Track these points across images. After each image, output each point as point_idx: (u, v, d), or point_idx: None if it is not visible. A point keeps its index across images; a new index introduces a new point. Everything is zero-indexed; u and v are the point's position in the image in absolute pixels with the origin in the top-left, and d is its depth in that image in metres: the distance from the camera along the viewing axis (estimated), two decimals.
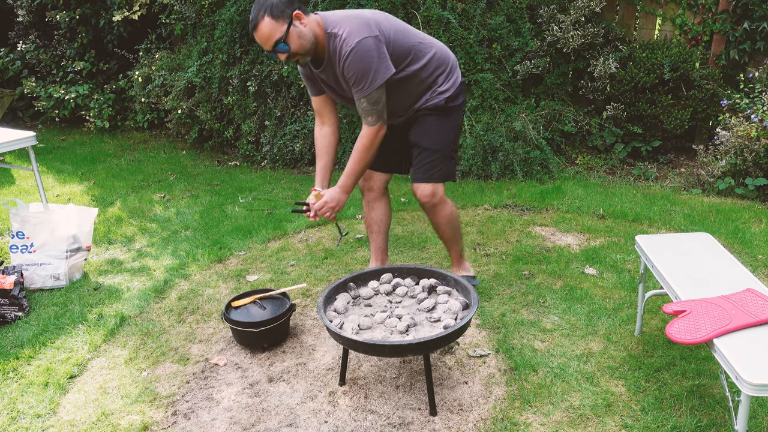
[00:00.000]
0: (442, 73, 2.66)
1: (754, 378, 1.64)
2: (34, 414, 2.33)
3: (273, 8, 2.30)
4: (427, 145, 2.69)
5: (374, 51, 2.37)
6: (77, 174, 5.31)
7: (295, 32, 2.35)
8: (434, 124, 2.69)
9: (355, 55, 2.36)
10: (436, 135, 2.69)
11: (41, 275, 3.26)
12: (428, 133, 2.69)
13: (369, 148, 2.51)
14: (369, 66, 2.37)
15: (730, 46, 4.86)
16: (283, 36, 2.32)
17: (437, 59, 2.64)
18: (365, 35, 2.36)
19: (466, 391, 2.38)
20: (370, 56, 2.37)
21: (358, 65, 2.37)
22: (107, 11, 6.27)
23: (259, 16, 2.31)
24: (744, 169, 4.31)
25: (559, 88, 5.22)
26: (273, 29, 2.31)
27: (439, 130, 2.70)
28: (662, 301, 2.90)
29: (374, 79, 2.39)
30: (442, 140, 2.71)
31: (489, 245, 3.66)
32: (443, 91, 2.66)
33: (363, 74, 2.38)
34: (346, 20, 2.42)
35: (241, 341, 2.74)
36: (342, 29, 2.39)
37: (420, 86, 2.62)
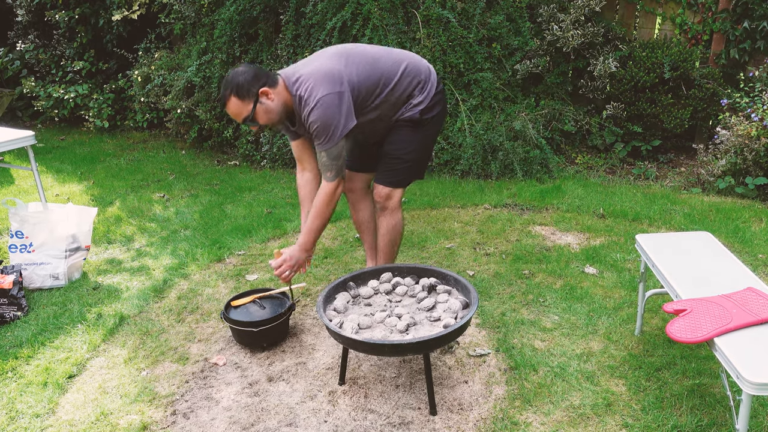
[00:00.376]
0: (416, 86, 2.65)
1: (755, 377, 1.63)
2: (33, 414, 2.32)
3: (239, 88, 2.41)
4: (398, 154, 2.71)
5: (334, 107, 2.41)
6: (76, 174, 5.30)
7: (262, 109, 2.45)
8: (407, 134, 2.70)
9: (315, 113, 2.41)
10: (408, 145, 2.71)
11: (40, 275, 3.26)
12: (399, 142, 2.70)
13: (328, 204, 2.55)
14: (329, 122, 2.41)
15: (730, 45, 4.86)
16: (250, 114, 2.44)
17: (409, 74, 2.63)
18: (326, 92, 2.40)
19: (466, 391, 2.37)
20: (330, 112, 2.41)
21: (318, 121, 2.41)
22: (106, 11, 6.26)
23: (226, 95, 2.43)
24: (744, 168, 4.31)
25: (559, 88, 5.22)
26: (240, 108, 2.43)
27: (411, 140, 2.71)
28: (662, 300, 2.90)
29: (333, 134, 2.43)
30: (413, 150, 2.73)
31: (489, 244, 3.66)
32: (418, 103, 2.66)
33: (322, 130, 2.42)
34: (308, 77, 2.44)
35: (240, 341, 2.73)
36: (303, 88, 2.44)
37: (395, 105, 2.64)
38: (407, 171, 2.76)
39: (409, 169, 2.76)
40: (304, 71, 2.49)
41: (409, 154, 2.72)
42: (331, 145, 2.44)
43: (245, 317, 2.69)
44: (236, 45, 5.31)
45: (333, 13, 4.82)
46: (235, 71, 2.45)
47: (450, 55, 4.85)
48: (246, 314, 2.72)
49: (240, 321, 2.64)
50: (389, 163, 2.73)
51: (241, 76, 2.42)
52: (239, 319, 2.67)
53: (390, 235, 2.84)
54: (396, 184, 2.75)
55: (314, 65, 2.50)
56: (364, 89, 2.53)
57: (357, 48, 2.62)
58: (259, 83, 2.43)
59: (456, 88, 4.93)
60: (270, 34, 5.25)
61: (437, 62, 4.81)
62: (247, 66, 2.47)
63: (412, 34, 4.86)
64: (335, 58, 2.52)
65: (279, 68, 5.10)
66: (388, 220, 2.81)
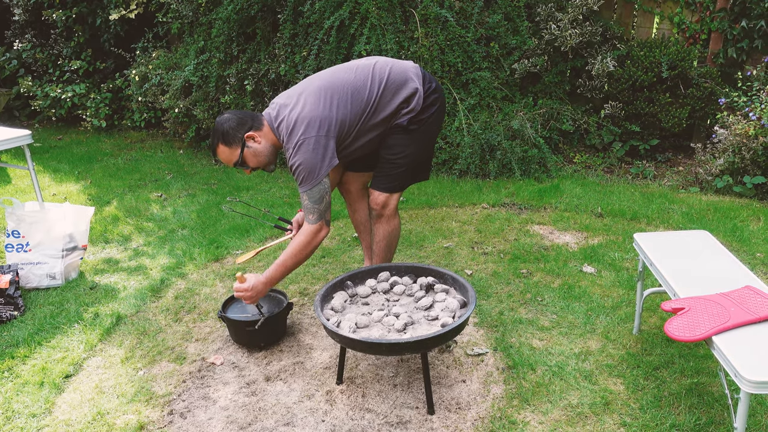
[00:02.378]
0: (404, 97, 2.61)
1: (753, 375, 1.63)
2: (30, 413, 2.31)
3: (225, 136, 2.49)
4: (392, 158, 2.70)
5: (311, 151, 2.41)
6: (74, 173, 5.29)
7: (250, 153, 2.53)
8: (400, 139, 2.68)
9: (294, 156, 2.44)
10: (403, 149, 2.69)
11: (37, 274, 3.25)
12: (394, 147, 2.68)
13: (306, 246, 2.50)
14: (307, 165, 2.42)
15: (728, 44, 4.86)
16: (239, 159, 2.52)
17: (392, 89, 2.60)
18: (305, 136, 2.41)
19: (464, 390, 2.37)
20: (309, 156, 2.41)
21: (296, 164, 2.43)
22: (104, 10, 6.24)
23: (215, 143, 2.52)
24: (742, 167, 4.31)
25: (557, 87, 5.22)
26: (229, 155, 2.52)
27: (405, 145, 2.69)
28: (660, 299, 2.90)
29: (310, 177, 2.43)
30: (408, 154, 2.71)
31: (487, 244, 3.65)
32: (407, 112, 2.64)
33: (300, 172, 2.44)
34: (290, 120, 2.45)
35: (238, 340, 2.72)
36: (285, 132, 2.47)
37: (385, 120, 2.63)
38: (402, 175, 2.74)
39: (405, 173, 2.74)
40: (285, 113, 2.50)
41: (405, 158, 2.70)
42: (310, 187, 2.44)
43: (243, 316, 2.68)
44: (234, 44, 5.30)
45: (331, 12, 4.81)
46: (220, 119, 2.51)
47: (448, 54, 4.85)
48: (243, 313, 2.71)
49: (237, 320, 2.64)
50: (384, 167, 2.72)
51: (226, 123, 2.49)
52: (237, 317, 2.66)
53: (386, 241, 2.83)
54: (392, 190, 2.73)
55: (297, 108, 2.48)
56: (348, 121, 2.53)
57: (339, 73, 2.59)
58: (244, 128, 2.50)
59: (454, 88, 4.93)
60: (268, 34, 5.24)
61: (435, 61, 4.81)
62: (232, 113, 2.53)
63: (410, 34, 4.85)
64: (318, 97, 2.49)
65: (277, 68, 5.11)
66: (384, 227, 2.79)
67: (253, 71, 5.22)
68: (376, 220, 2.79)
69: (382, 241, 2.82)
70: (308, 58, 4.96)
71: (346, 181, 2.94)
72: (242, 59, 5.29)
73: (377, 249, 2.85)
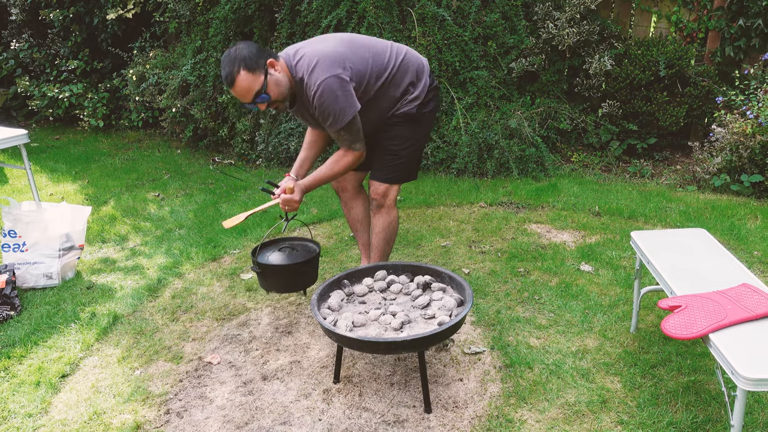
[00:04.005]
0: (412, 80, 2.66)
1: (749, 372, 1.63)
2: (26, 413, 2.30)
3: (247, 61, 2.32)
4: (394, 150, 2.71)
5: (338, 90, 2.39)
6: (71, 173, 5.28)
7: (273, 80, 2.40)
8: (403, 130, 2.70)
9: (320, 98, 2.39)
10: (405, 142, 2.71)
11: (34, 274, 3.24)
12: (396, 138, 2.70)
13: (345, 167, 2.57)
14: (335, 104, 2.40)
15: (725, 43, 4.86)
16: (262, 87, 2.36)
17: (406, 67, 2.64)
18: (328, 75, 2.38)
19: (461, 389, 2.36)
20: (334, 96, 2.39)
21: (325, 105, 2.40)
22: (101, 9, 6.23)
23: (234, 71, 2.32)
24: (739, 166, 4.31)
25: (555, 86, 5.21)
26: (251, 82, 2.34)
27: (407, 136, 2.71)
28: (658, 297, 2.89)
29: (343, 115, 2.42)
30: (409, 146, 2.73)
31: (484, 242, 3.65)
32: (414, 98, 2.66)
33: (331, 112, 2.41)
34: (311, 58, 2.43)
35: (274, 287, 2.73)
36: (305, 72, 2.42)
37: (392, 99, 2.64)
38: (403, 167, 2.76)
39: (405, 165, 2.76)
40: (307, 51, 2.46)
41: (405, 150, 2.72)
42: (344, 123, 2.43)
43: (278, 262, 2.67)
44: (231, 44, 5.29)
45: (328, 12, 4.81)
46: (235, 48, 2.36)
47: (445, 53, 4.84)
48: (278, 259, 2.69)
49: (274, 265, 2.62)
50: (385, 159, 2.73)
51: (245, 49, 2.34)
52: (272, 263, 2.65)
53: (385, 233, 2.83)
54: (393, 180, 2.75)
55: (317, 47, 2.47)
56: (365, 78, 2.52)
57: (360, 37, 2.62)
58: (265, 55, 2.39)
59: (451, 87, 4.93)
60: (265, 33, 5.23)
61: (432, 60, 4.80)
62: (245, 42, 2.40)
63: (407, 33, 4.85)
64: (339, 43, 2.51)
65: None
66: (384, 218, 2.80)
67: None
68: (376, 211, 2.79)
69: (381, 233, 2.82)
70: None
71: (342, 179, 2.94)
72: None
73: (376, 241, 2.85)
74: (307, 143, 2.80)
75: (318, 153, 2.83)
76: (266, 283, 2.74)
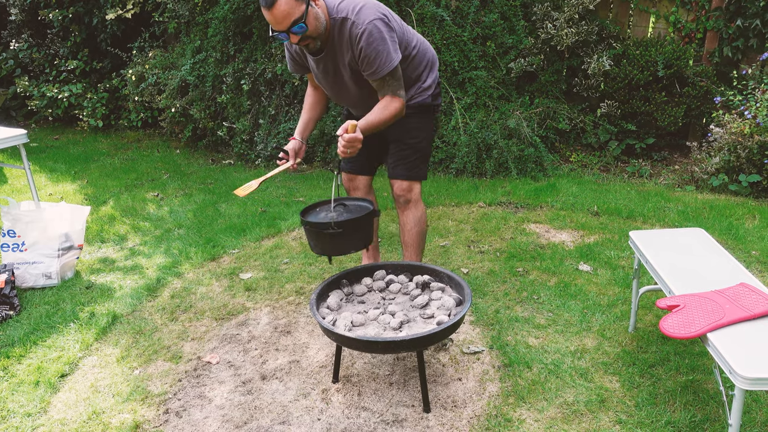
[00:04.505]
0: (425, 68, 2.64)
1: (747, 372, 1.63)
2: (25, 413, 2.31)
3: None
4: (412, 143, 2.67)
5: (386, 33, 2.34)
6: (70, 173, 5.28)
7: (313, 13, 2.27)
8: (416, 123, 2.66)
9: (369, 37, 2.30)
10: (419, 134, 2.68)
11: (33, 274, 3.24)
12: (411, 131, 2.66)
13: (395, 113, 2.44)
14: (383, 45, 2.33)
15: (723, 43, 4.87)
16: (302, 16, 2.21)
17: (421, 53, 2.62)
18: (374, 17, 2.32)
19: (459, 388, 2.37)
20: (383, 37, 2.33)
21: (373, 46, 2.31)
22: (100, 10, 6.23)
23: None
24: (737, 166, 4.32)
25: (554, 86, 5.22)
26: (292, 7, 2.19)
27: (421, 128, 2.68)
28: (656, 297, 2.90)
29: (390, 59, 2.35)
30: (423, 139, 2.70)
31: (483, 242, 3.66)
32: (426, 87, 2.64)
33: (378, 54, 2.32)
34: (355, 3, 2.35)
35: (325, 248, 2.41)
36: (350, 12, 2.33)
37: (407, 80, 2.60)
38: (419, 162, 2.71)
39: (421, 160, 2.71)
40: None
41: (422, 143, 2.69)
42: (391, 67, 2.35)
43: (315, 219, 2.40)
44: (230, 43, 5.30)
45: None
46: None
47: (444, 53, 4.85)
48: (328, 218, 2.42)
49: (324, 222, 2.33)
50: (401, 153, 2.67)
51: None
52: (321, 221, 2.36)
53: (418, 226, 2.79)
54: (414, 177, 2.71)
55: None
56: (400, 42, 2.47)
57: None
58: None
59: (450, 87, 4.93)
60: (264, 33, 5.24)
61: None
62: None
63: None
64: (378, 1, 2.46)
65: (273, 67, 5.10)
66: (413, 212, 2.76)
67: (250, 70, 5.22)
68: (404, 207, 2.75)
69: (414, 228, 2.78)
70: None
71: (353, 180, 2.90)
72: (239, 58, 5.29)
73: (409, 238, 2.79)
74: (310, 104, 2.76)
75: (320, 114, 2.80)
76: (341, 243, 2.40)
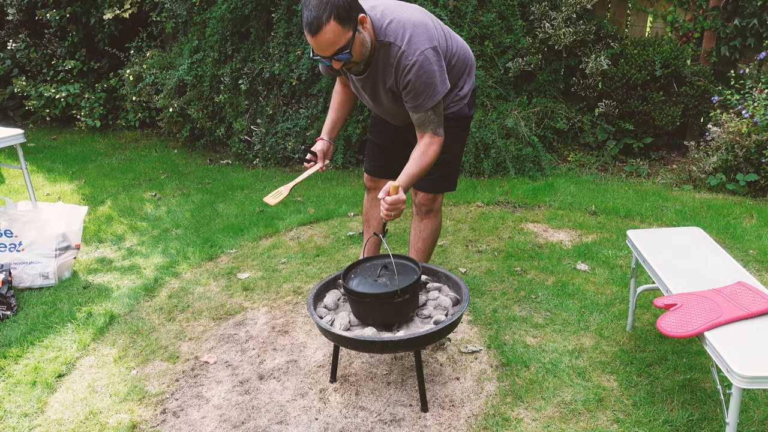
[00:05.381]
0: (463, 74, 2.49)
1: (745, 370, 1.64)
2: (21, 413, 2.30)
3: (340, 10, 1.98)
4: (445, 158, 2.46)
5: (435, 64, 2.19)
6: (68, 173, 5.27)
7: (359, 39, 2.10)
8: (455, 134, 2.51)
9: (420, 69, 2.15)
10: (454, 146, 2.53)
11: (30, 274, 3.23)
12: (447, 144, 2.40)
13: (434, 157, 2.29)
14: (432, 80, 2.19)
15: (721, 42, 4.87)
16: (348, 44, 2.05)
17: (462, 60, 2.46)
18: (426, 46, 2.16)
19: (457, 387, 2.37)
20: (432, 70, 2.18)
21: (423, 79, 2.17)
22: (98, 9, 6.22)
23: (323, 18, 1.97)
24: (735, 165, 4.32)
25: (551, 85, 5.22)
26: (338, 35, 2.01)
27: (456, 140, 2.57)
28: (653, 296, 2.90)
29: (436, 92, 2.22)
30: (457, 152, 2.61)
31: (481, 242, 3.66)
32: (463, 96, 2.50)
33: (426, 88, 2.19)
34: (401, 26, 2.17)
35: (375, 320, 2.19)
36: (399, 38, 2.16)
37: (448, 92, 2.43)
38: (449, 176, 2.63)
39: (451, 174, 2.63)
40: (394, 14, 2.18)
41: (452, 156, 2.57)
42: (435, 102, 2.21)
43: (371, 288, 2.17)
44: (228, 43, 5.30)
45: None
46: None
47: None
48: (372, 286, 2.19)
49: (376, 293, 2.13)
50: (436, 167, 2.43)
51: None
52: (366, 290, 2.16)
53: (434, 236, 2.77)
54: (440, 190, 2.67)
55: (401, 12, 2.19)
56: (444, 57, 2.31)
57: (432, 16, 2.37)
58: (357, 7, 2.06)
59: None
60: (262, 33, 5.23)
61: None
62: None
63: None
64: (420, 11, 2.28)
65: (271, 67, 5.10)
66: (432, 221, 2.73)
67: (248, 70, 5.21)
68: (424, 216, 2.71)
69: (429, 237, 2.76)
70: (302, 56, 4.95)
71: (374, 181, 2.87)
72: (236, 58, 5.28)
73: (423, 245, 2.76)
74: (338, 104, 2.62)
75: (347, 114, 2.68)
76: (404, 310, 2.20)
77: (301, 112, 5.13)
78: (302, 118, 5.10)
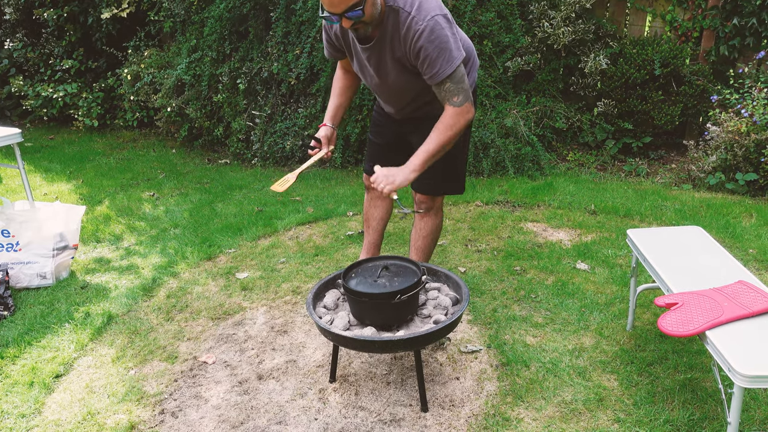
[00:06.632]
0: (468, 67, 2.45)
1: (746, 369, 1.63)
2: (19, 414, 2.29)
3: None
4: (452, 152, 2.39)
5: (447, 29, 2.14)
6: (65, 173, 5.26)
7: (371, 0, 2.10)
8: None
9: (431, 34, 2.11)
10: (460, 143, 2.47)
11: (27, 274, 3.22)
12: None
13: (451, 127, 2.21)
14: (446, 44, 2.13)
15: (720, 41, 4.87)
16: (361, 1, 2.05)
17: (468, 49, 2.42)
18: (437, 12, 2.13)
19: (457, 387, 2.36)
20: (445, 35, 2.13)
21: (436, 43, 2.12)
22: (96, 9, 6.21)
23: None
24: (734, 164, 4.32)
25: (550, 85, 5.22)
26: None
27: (464, 138, 2.55)
28: (654, 295, 2.89)
29: (453, 58, 2.15)
30: (463, 149, 2.60)
31: (481, 241, 3.65)
32: None
33: (441, 52, 2.13)
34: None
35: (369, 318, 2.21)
36: (408, 5, 2.14)
37: None
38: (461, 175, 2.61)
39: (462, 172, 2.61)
40: None
41: (461, 153, 2.56)
42: (452, 69, 2.14)
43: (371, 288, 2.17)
44: (226, 43, 5.28)
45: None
46: None
47: None
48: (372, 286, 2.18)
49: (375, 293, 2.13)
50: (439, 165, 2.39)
51: None
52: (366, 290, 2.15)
53: (434, 234, 2.77)
54: (440, 192, 2.66)
55: None
56: None
57: None
58: None
59: None
60: (260, 32, 5.22)
61: None
62: None
63: None
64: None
65: (270, 66, 5.08)
66: (433, 220, 2.73)
67: (246, 70, 5.20)
68: (425, 214, 2.72)
69: (430, 236, 2.76)
70: (301, 56, 4.94)
71: None
72: (235, 58, 5.27)
73: (423, 244, 2.76)
74: (340, 89, 2.61)
75: (350, 100, 2.66)
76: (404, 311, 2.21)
77: (299, 111, 5.12)
78: (301, 117, 5.08)
